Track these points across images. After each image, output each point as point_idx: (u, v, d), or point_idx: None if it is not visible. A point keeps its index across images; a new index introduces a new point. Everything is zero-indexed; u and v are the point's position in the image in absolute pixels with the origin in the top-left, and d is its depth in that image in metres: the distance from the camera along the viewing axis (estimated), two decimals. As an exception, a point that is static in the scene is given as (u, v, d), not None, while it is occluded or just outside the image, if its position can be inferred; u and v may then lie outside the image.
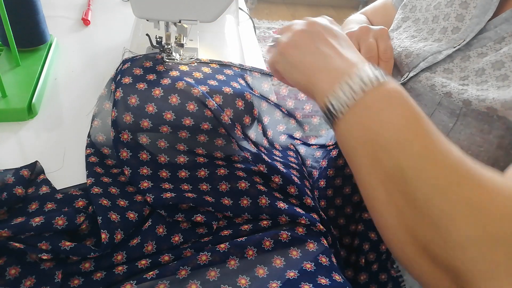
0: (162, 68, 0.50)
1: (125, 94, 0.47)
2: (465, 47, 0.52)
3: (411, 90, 0.56)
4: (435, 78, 0.53)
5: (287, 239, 0.41)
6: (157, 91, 0.47)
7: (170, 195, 0.42)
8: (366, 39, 0.57)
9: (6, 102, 0.53)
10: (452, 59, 0.53)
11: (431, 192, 0.32)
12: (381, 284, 0.52)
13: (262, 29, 2.79)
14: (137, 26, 0.68)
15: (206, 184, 0.46)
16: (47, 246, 0.36)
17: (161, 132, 0.48)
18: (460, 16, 0.55)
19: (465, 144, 0.48)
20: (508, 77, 0.46)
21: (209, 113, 0.47)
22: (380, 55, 0.56)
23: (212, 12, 0.52)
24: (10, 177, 0.42)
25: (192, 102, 0.47)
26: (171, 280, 0.36)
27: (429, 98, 0.52)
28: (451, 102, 0.49)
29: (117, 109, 0.47)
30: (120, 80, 0.48)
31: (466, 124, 0.48)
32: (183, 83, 0.48)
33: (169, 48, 0.55)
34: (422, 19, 0.60)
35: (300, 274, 0.38)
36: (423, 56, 0.55)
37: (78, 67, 0.67)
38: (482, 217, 0.30)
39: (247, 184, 0.45)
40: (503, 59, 0.47)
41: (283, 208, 0.43)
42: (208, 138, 0.49)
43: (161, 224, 0.41)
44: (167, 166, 0.47)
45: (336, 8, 3.25)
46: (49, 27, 0.67)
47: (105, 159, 0.48)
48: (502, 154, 0.46)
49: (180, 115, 0.47)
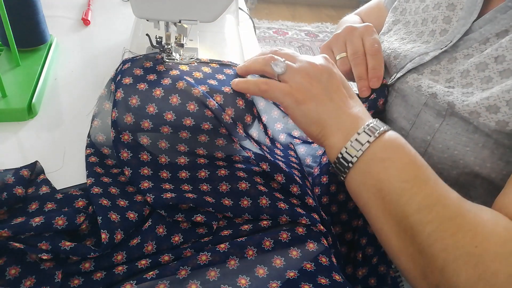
0: (162, 68, 0.50)
1: (126, 95, 0.47)
2: (452, 49, 0.52)
3: (398, 91, 0.56)
4: (421, 79, 0.53)
5: (287, 239, 0.41)
6: (157, 91, 0.47)
7: (171, 196, 0.42)
8: (352, 38, 0.57)
9: (6, 102, 0.53)
10: (439, 60, 0.53)
11: (433, 242, 0.36)
12: (380, 276, 0.53)
13: (262, 29, 2.80)
14: (137, 26, 0.69)
15: (207, 185, 0.46)
16: (47, 246, 0.36)
17: (161, 132, 0.48)
18: (447, 19, 0.55)
19: (451, 144, 0.48)
20: (492, 79, 0.46)
21: (210, 113, 0.47)
22: (366, 51, 0.56)
23: (212, 12, 0.52)
24: (10, 177, 0.42)
25: (193, 102, 0.47)
26: (171, 280, 0.36)
27: (415, 99, 0.53)
28: (436, 103, 0.50)
29: (118, 109, 0.47)
30: (120, 80, 0.48)
31: (452, 124, 0.48)
32: (183, 83, 0.48)
33: (169, 48, 0.55)
34: (412, 22, 0.60)
35: (300, 274, 0.38)
36: (410, 57, 0.55)
37: (78, 67, 0.67)
38: (478, 262, 0.34)
39: (248, 184, 0.45)
40: (487, 60, 0.47)
41: (283, 208, 0.43)
42: (209, 138, 0.49)
43: (161, 224, 0.41)
44: (167, 167, 0.47)
45: (336, 8, 3.25)
46: (49, 27, 0.67)
47: (105, 159, 0.48)
48: (488, 154, 0.46)
49: (180, 115, 0.47)
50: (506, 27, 0.48)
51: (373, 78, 0.55)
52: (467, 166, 0.48)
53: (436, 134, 0.50)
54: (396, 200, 0.38)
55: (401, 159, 0.40)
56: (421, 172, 0.39)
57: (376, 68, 0.55)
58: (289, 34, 2.76)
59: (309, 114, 0.44)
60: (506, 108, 0.43)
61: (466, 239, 0.35)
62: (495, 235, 0.35)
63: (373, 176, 0.40)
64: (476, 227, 0.36)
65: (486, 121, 0.44)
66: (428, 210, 0.37)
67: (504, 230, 0.36)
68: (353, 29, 0.58)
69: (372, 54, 0.55)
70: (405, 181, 0.39)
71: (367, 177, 0.41)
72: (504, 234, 0.35)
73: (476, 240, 0.35)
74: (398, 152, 0.40)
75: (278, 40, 2.67)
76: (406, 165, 0.39)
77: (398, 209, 0.38)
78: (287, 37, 2.72)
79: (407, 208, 0.38)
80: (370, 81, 0.55)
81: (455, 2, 0.55)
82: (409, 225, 0.37)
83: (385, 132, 0.41)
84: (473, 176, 0.48)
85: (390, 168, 0.39)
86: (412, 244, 0.38)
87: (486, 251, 0.34)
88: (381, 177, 0.40)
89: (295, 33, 2.79)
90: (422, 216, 0.37)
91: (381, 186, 0.39)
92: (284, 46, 2.60)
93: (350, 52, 0.57)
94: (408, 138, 0.54)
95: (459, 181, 0.50)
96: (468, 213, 0.37)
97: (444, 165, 0.50)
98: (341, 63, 0.58)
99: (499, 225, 0.36)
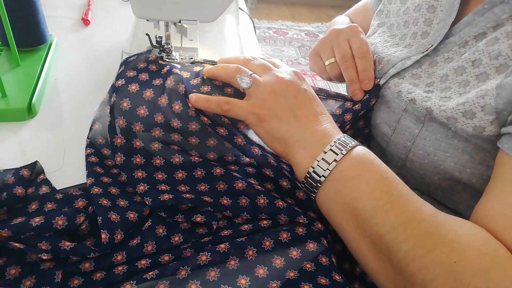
0: (154, 68, 0.50)
1: (118, 98, 0.47)
2: (433, 53, 0.52)
3: (381, 97, 0.56)
4: (402, 84, 0.53)
5: (287, 239, 0.41)
6: (148, 93, 0.47)
7: (168, 197, 0.42)
8: (339, 42, 0.57)
9: (6, 102, 0.53)
10: (420, 64, 0.53)
11: (410, 260, 0.35)
12: None
13: (262, 29, 2.79)
14: (137, 26, 0.69)
15: (204, 185, 0.46)
16: (47, 246, 0.36)
17: (153, 135, 0.47)
18: (428, 21, 0.54)
19: (431, 150, 0.48)
20: (469, 83, 0.46)
21: (193, 113, 0.46)
22: (355, 53, 0.55)
23: (212, 12, 0.52)
24: (10, 177, 0.42)
25: (178, 101, 0.46)
26: (171, 280, 0.36)
27: (396, 105, 0.52)
28: (415, 109, 0.50)
29: (112, 114, 0.47)
30: (114, 83, 0.48)
31: (431, 130, 0.48)
32: (171, 80, 0.47)
33: (169, 48, 0.55)
34: (396, 24, 0.60)
35: (300, 274, 0.38)
36: (393, 62, 0.55)
37: (78, 67, 0.67)
38: (458, 279, 0.33)
39: (244, 183, 0.45)
40: (464, 64, 0.47)
41: (282, 207, 0.43)
42: (199, 140, 0.49)
43: (161, 224, 0.41)
44: (163, 168, 0.47)
45: (336, 8, 3.25)
46: (49, 27, 0.67)
47: (105, 159, 0.48)
48: (468, 159, 0.46)
49: (168, 117, 0.47)
50: (483, 30, 0.47)
51: (365, 80, 0.54)
52: (448, 172, 0.48)
53: (416, 140, 0.49)
54: (369, 219, 0.37)
55: (371, 176, 0.39)
56: (393, 188, 0.38)
57: (367, 69, 0.54)
58: (289, 34, 2.76)
59: (271, 131, 0.43)
60: (482, 113, 0.43)
61: (443, 255, 0.34)
62: (473, 249, 0.34)
63: (344, 195, 0.39)
64: (453, 242, 0.35)
65: (464, 127, 0.44)
66: (402, 228, 0.36)
67: (482, 243, 0.35)
68: (338, 32, 0.58)
69: (361, 57, 0.55)
70: (377, 198, 0.37)
71: (338, 196, 0.40)
72: (482, 248, 0.35)
73: (454, 255, 0.34)
74: (367, 168, 0.39)
75: (278, 40, 2.67)
76: (377, 181, 0.38)
77: (372, 229, 0.37)
78: (287, 37, 2.72)
79: (381, 227, 0.37)
80: (361, 83, 0.54)
81: (435, 4, 0.54)
82: (385, 245, 0.37)
83: (353, 148, 0.40)
84: (454, 181, 0.48)
85: (361, 186, 0.38)
86: (390, 264, 0.37)
87: (465, 267, 0.33)
88: (352, 196, 0.38)
89: (295, 33, 2.79)
90: (397, 235, 0.36)
91: (353, 206, 0.38)
92: (284, 46, 2.61)
93: (339, 57, 0.56)
94: (390, 144, 0.54)
95: (442, 187, 0.50)
96: (443, 228, 0.36)
97: (425, 171, 0.50)
98: (330, 68, 0.58)
99: (476, 238, 0.36)
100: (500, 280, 0.33)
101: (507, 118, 0.42)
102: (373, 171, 0.39)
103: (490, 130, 0.43)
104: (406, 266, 0.35)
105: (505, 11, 0.46)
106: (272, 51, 2.58)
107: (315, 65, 0.63)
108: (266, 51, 2.58)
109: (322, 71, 0.61)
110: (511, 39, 0.44)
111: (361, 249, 0.39)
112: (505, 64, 0.44)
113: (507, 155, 0.40)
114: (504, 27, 0.46)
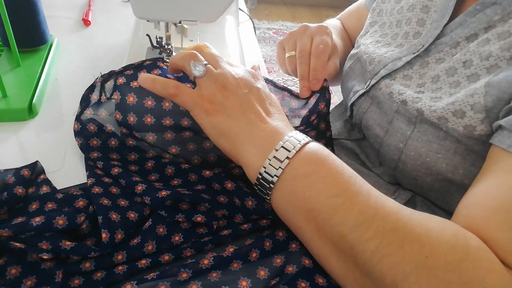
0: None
1: (123, 95, 0.47)
2: (424, 53, 0.52)
3: (373, 98, 0.55)
4: (393, 85, 0.52)
5: (284, 237, 0.41)
6: (130, 98, 0.46)
7: (166, 193, 0.42)
8: (303, 37, 0.56)
9: (7, 102, 0.53)
10: (412, 65, 0.52)
11: (378, 260, 0.32)
12: None
13: (262, 29, 2.80)
14: (138, 27, 0.69)
15: (201, 185, 0.46)
16: (48, 246, 0.36)
17: (146, 139, 0.47)
18: (421, 21, 0.54)
19: (423, 151, 0.48)
20: (460, 84, 0.46)
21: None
22: (311, 51, 0.54)
23: (212, 13, 0.52)
24: (10, 177, 0.42)
25: (168, 99, 0.46)
26: (172, 282, 0.36)
27: (388, 106, 0.52)
28: (407, 110, 0.49)
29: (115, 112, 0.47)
30: (115, 83, 0.48)
31: (423, 131, 0.48)
32: (158, 71, 0.46)
33: (169, 49, 0.55)
34: (388, 23, 0.60)
35: (298, 270, 0.38)
36: (384, 63, 0.55)
37: (79, 67, 0.67)
38: (431, 275, 0.31)
39: (233, 184, 0.44)
40: (456, 65, 0.47)
41: (270, 209, 0.43)
42: (196, 146, 0.48)
43: (161, 224, 0.41)
44: (155, 169, 0.47)
45: (336, 8, 3.25)
46: (50, 28, 0.67)
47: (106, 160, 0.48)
48: (460, 160, 0.46)
49: (159, 116, 0.46)
50: (475, 31, 0.47)
51: (313, 80, 0.52)
52: (440, 173, 0.47)
53: (408, 141, 0.49)
54: (329, 219, 0.34)
55: (327, 173, 0.36)
56: (351, 184, 0.35)
57: (317, 69, 0.52)
58: (289, 35, 2.76)
59: (218, 126, 0.40)
60: (471, 112, 0.43)
61: (414, 250, 0.32)
62: (444, 242, 0.32)
63: (300, 196, 0.36)
64: (422, 236, 0.32)
65: (455, 126, 0.44)
66: (366, 226, 0.33)
67: (452, 236, 0.33)
68: (306, 28, 0.57)
69: (316, 55, 0.53)
70: (335, 195, 0.34)
71: (294, 197, 0.36)
72: (453, 241, 0.33)
73: (425, 250, 0.32)
74: (322, 165, 0.36)
75: (278, 40, 2.67)
76: (333, 178, 0.36)
77: (333, 230, 0.34)
78: (287, 38, 2.72)
79: (343, 226, 0.33)
80: (310, 82, 0.52)
81: (429, 5, 0.54)
82: (349, 246, 0.33)
83: (305, 144, 0.38)
84: (447, 183, 0.48)
85: (317, 183, 0.35)
86: (356, 266, 0.34)
87: (437, 261, 0.31)
88: (308, 195, 0.35)
89: (295, 33, 2.79)
90: (360, 233, 0.33)
91: (310, 206, 0.35)
92: (284, 46, 2.60)
93: (297, 51, 0.55)
94: (382, 145, 0.54)
95: (435, 188, 0.50)
96: (410, 222, 0.33)
97: (418, 172, 0.50)
98: (289, 61, 0.57)
99: (446, 231, 0.33)
100: (472, 272, 0.31)
101: (497, 116, 0.42)
102: (328, 167, 0.36)
103: (481, 129, 0.43)
104: (373, 267, 0.32)
105: (497, 12, 0.46)
106: (272, 52, 2.58)
107: (278, 56, 0.63)
108: (266, 52, 2.58)
109: (282, 63, 0.61)
110: (502, 40, 0.44)
111: (323, 253, 0.36)
112: (496, 65, 0.44)
113: (496, 147, 0.39)
114: (495, 28, 0.46)
